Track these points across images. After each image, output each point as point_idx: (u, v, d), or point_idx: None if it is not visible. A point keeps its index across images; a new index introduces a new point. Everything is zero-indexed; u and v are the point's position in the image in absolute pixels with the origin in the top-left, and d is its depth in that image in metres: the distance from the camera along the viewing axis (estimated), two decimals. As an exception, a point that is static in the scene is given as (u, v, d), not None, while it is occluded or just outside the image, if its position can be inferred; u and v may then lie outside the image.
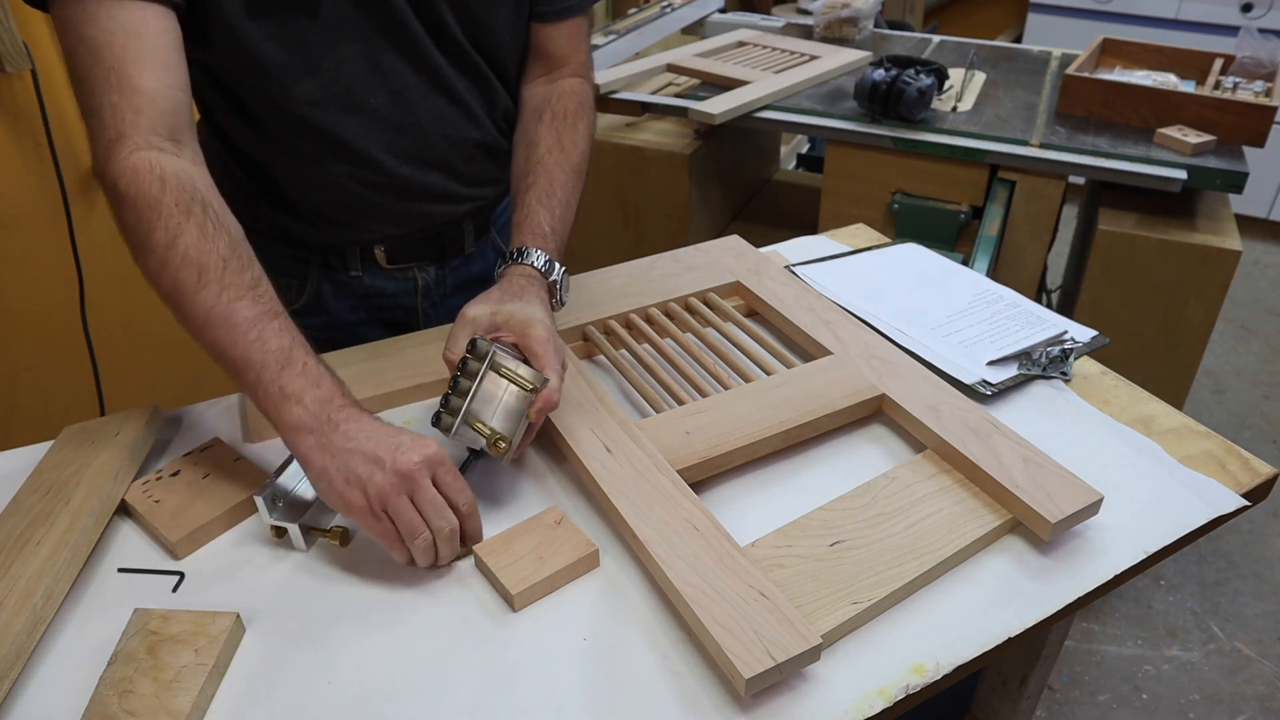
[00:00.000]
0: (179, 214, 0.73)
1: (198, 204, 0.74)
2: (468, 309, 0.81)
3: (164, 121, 0.75)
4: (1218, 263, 1.56)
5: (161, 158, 0.74)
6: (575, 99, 1.00)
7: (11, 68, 1.46)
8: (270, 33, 0.83)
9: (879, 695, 0.63)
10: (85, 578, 0.73)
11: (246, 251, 0.76)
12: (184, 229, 0.72)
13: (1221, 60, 1.85)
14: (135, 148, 0.73)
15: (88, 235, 1.66)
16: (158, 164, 0.74)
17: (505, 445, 0.75)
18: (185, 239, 0.72)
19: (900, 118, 1.71)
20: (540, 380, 0.76)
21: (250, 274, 0.74)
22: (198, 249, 0.72)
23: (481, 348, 0.77)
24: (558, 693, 0.63)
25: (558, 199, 0.92)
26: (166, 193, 0.73)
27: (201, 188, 0.76)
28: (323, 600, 0.71)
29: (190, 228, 0.73)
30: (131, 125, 0.74)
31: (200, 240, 0.73)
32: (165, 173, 0.74)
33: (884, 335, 0.99)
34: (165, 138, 0.75)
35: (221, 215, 0.76)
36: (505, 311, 0.81)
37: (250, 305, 0.73)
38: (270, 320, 0.73)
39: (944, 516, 0.75)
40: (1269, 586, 1.96)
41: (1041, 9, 3.38)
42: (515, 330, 0.80)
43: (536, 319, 0.80)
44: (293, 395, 0.71)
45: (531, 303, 0.82)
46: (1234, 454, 0.86)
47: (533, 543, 0.72)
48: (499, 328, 0.80)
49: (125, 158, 0.73)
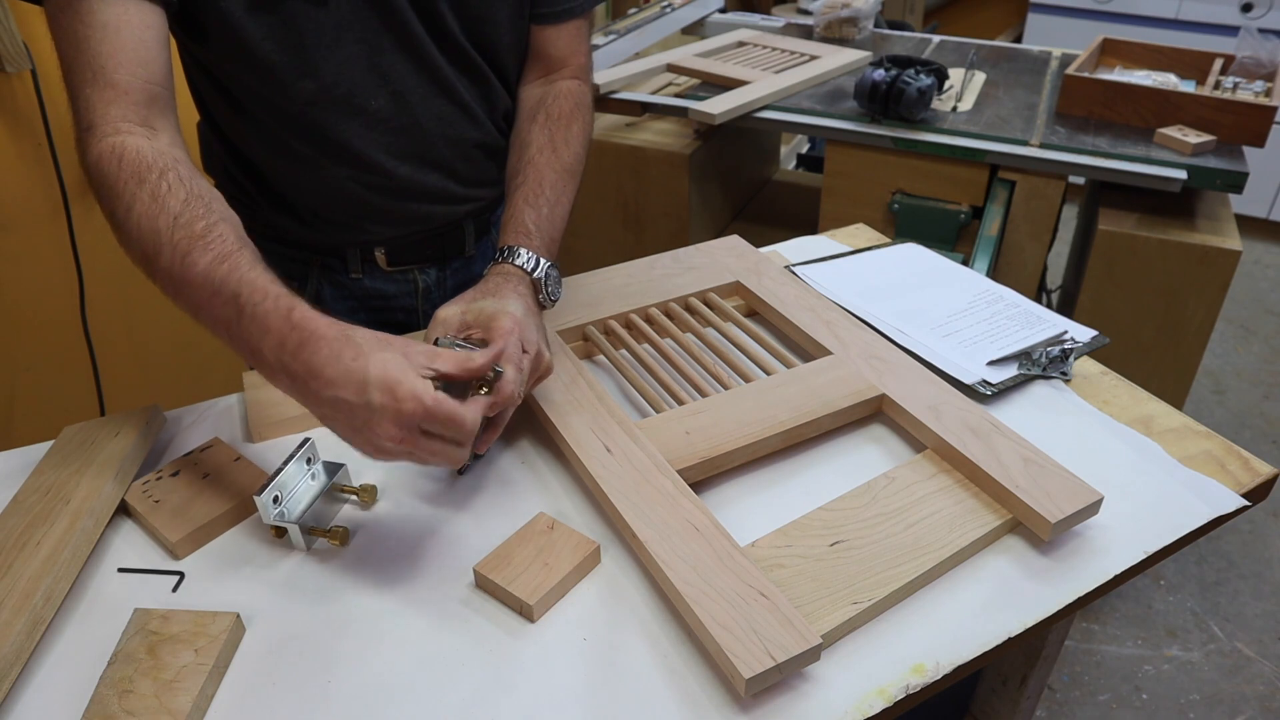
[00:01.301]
0: (133, 185, 0.72)
1: (154, 171, 0.73)
2: (440, 311, 0.80)
3: (136, 112, 0.75)
4: (1218, 263, 1.56)
5: (127, 140, 0.74)
6: (571, 100, 0.99)
7: (11, 68, 1.46)
8: (270, 32, 0.83)
9: (879, 695, 0.63)
10: (85, 578, 0.73)
11: (205, 202, 0.72)
12: (137, 198, 0.71)
13: (1221, 60, 1.85)
14: (103, 135, 0.74)
15: (88, 235, 1.66)
16: (120, 146, 0.73)
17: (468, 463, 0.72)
18: (138, 207, 0.71)
19: (900, 118, 1.71)
20: (495, 377, 0.72)
21: (203, 223, 0.71)
22: (149, 215, 0.71)
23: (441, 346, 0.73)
24: (557, 693, 0.63)
25: (545, 197, 0.90)
26: (123, 168, 0.72)
27: (167, 158, 0.74)
28: (323, 600, 0.71)
29: (142, 195, 0.72)
30: (101, 116, 0.74)
31: (151, 204, 0.71)
32: (125, 151, 0.73)
33: (884, 335, 0.99)
34: (136, 123, 0.75)
35: (185, 175, 0.74)
36: (475, 309, 0.79)
37: (201, 256, 0.69)
38: (219, 266, 0.69)
39: (944, 516, 0.75)
40: (1269, 586, 1.96)
41: (1041, 9, 3.38)
42: (482, 325, 0.78)
43: (504, 311, 0.78)
44: (255, 350, 0.68)
45: (505, 298, 0.80)
46: (1234, 454, 0.86)
47: (533, 551, 0.72)
48: (469, 326, 0.78)
49: (94, 145, 0.74)
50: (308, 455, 0.77)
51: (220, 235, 0.71)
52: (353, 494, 0.79)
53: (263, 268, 0.71)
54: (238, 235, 0.72)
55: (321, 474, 0.78)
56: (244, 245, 0.72)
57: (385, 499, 0.80)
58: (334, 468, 0.79)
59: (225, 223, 0.72)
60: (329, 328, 0.67)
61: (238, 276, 0.68)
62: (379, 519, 0.78)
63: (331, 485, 0.78)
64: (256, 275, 0.69)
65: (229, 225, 0.72)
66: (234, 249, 0.70)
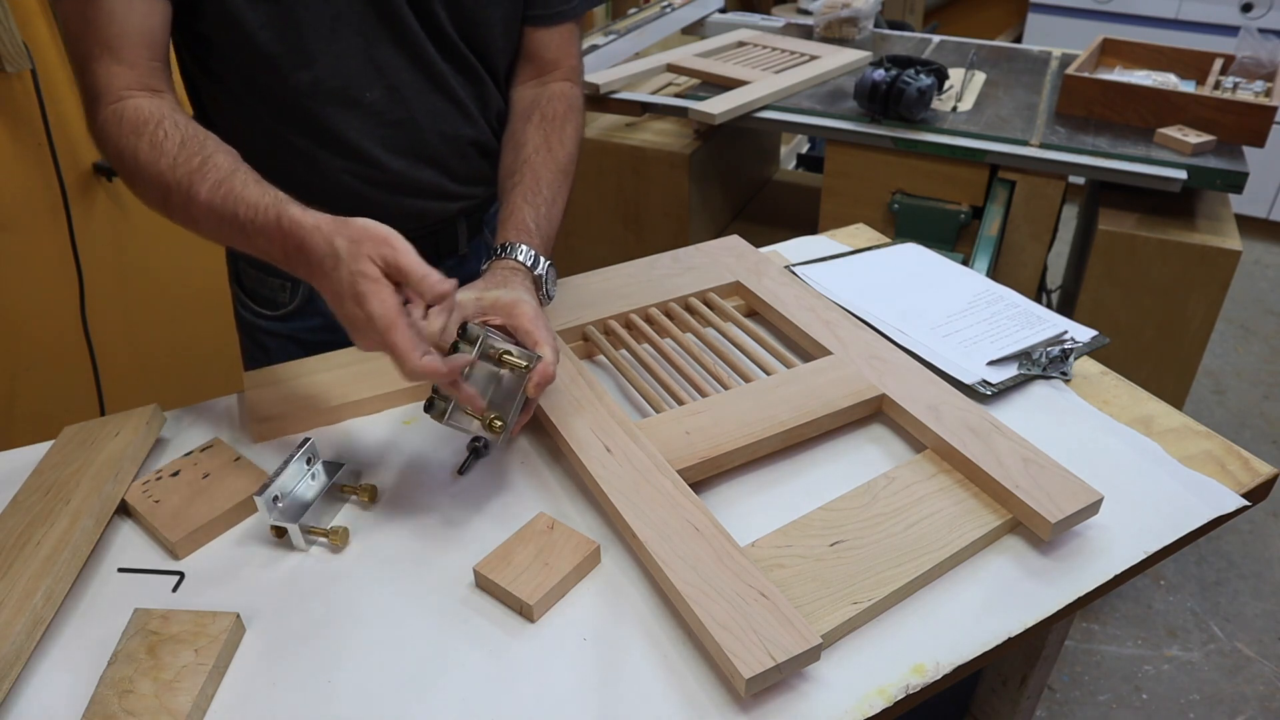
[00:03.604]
0: (133, 138, 0.78)
1: (150, 122, 0.78)
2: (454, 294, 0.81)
3: (139, 80, 0.81)
4: (1218, 263, 1.56)
5: (128, 102, 0.79)
6: (564, 101, 1.01)
7: (11, 68, 1.46)
8: (269, 21, 0.84)
9: (879, 695, 0.63)
10: (85, 578, 0.73)
11: (199, 141, 0.77)
12: (138, 149, 0.77)
13: (1221, 60, 1.85)
14: (107, 103, 0.80)
15: (88, 235, 1.66)
16: (120, 109, 0.79)
17: (501, 424, 0.75)
18: (141, 157, 0.77)
19: (900, 118, 1.71)
20: (533, 358, 0.76)
21: (199, 157, 0.76)
22: (151, 161, 0.77)
23: (473, 331, 0.76)
24: (558, 693, 0.63)
25: (543, 197, 0.92)
26: (123, 126, 0.78)
27: (164, 109, 0.80)
28: (323, 600, 0.71)
29: (142, 145, 0.77)
30: (107, 86, 0.80)
31: (151, 151, 0.77)
32: (125, 111, 0.79)
33: (884, 335, 0.99)
34: (138, 89, 0.81)
35: (180, 121, 0.79)
36: (491, 296, 0.81)
37: (201, 186, 0.75)
38: (217, 192, 0.74)
39: (944, 516, 0.75)
40: (1269, 586, 1.96)
41: (1041, 9, 3.38)
42: (502, 312, 0.80)
43: (523, 300, 0.80)
44: (272, 256, 0.74)
45: (517, 288, 0.83)
46: (1234, 454, 0.86)
47: (533, 551, 0.72)
48: (485, 311, 0.80)
49: (99, 113, 0.80)
50: (308, 455, 0.77)
51: (215, 164, 0.76)
52: (353, 494, 0.79)
53: (254, 180, 0.75)
54: (232, 161, 0.77)
55: (321, 474, 0.78)
56: (237, 168, 0.76)
57: (385, 499, 0.80)
58: (334, 468, 0.79)
59: (220, 153, 0.77)
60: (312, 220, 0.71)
61: (234, 197, 0.74)
62: (379, 519, 0.78)
63: (331, 485, 0.78)
64: (248, 191, 0.74)
65: (224, 154, 0.77)
66: (228, 173, 0.75)
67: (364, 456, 0.84)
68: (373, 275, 0.67)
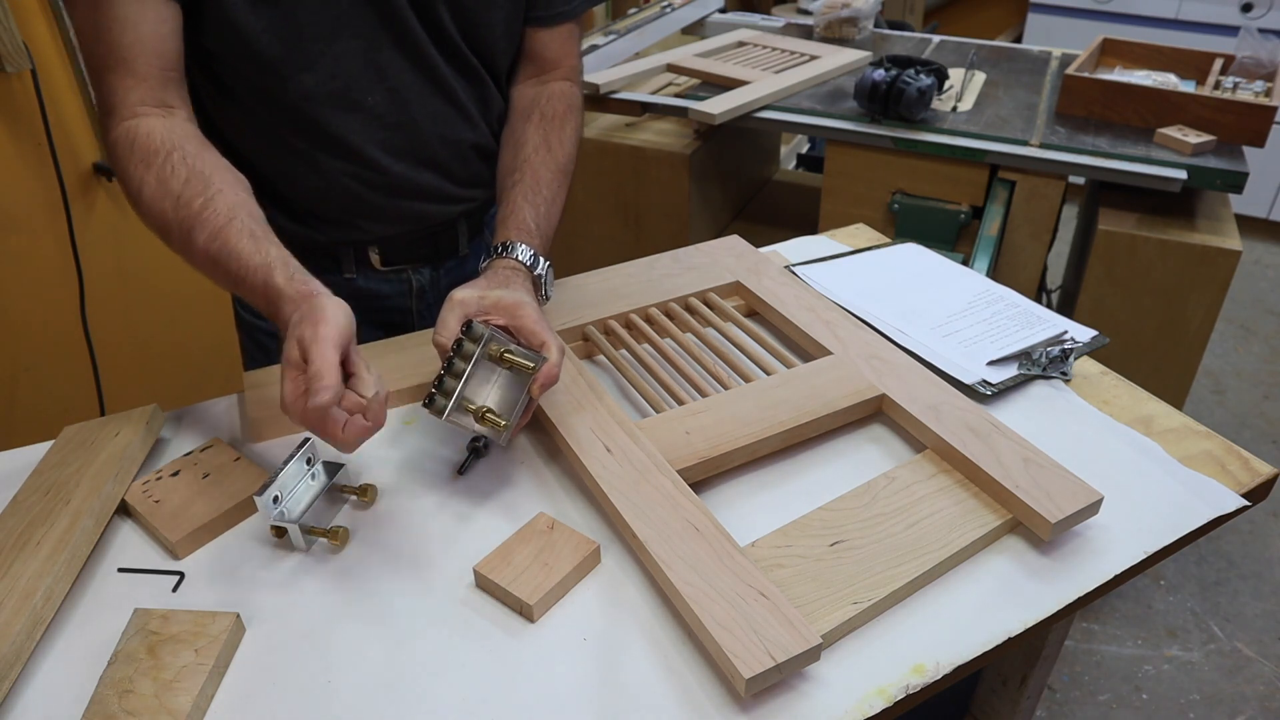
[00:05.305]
0: (141, 169, 0.79)
1: (160, 154, 0.78)
2: (455, 292, 0.81)
3: (153, 94, 0.81)
4: (1218, 263, 1.56)
5: (141, 123, 0.80)
6: (564, 101, 1.01)
7: (11, 68, 1.46)
8: (270, 25, 0.84)
9: (879, 695, 0.63)
10: (85, 578, 0.73)
11: (204, 178, 0.78)
12: (145, 181, 0.78)
13: (1221, 60, 1.85)
14: (121, 119, 0.80)
15: (88, 235, 1.66)
16: (133, 130, 0.79)
17: (504, 424, 0.75)
18: (147, 191, 0.78)
19: (900, 118, 1.71)
20: (538, 358, 0.76)
21: (200, 199, 0.77)
22: (156, 198, 0.78)
23: (477, 330, 0.76)
24: (558, 693, 0.63)
25: (543, 196, 0.92)
26: (134, 153, 0.79)
27: (176, 137, 0.80)
28: (323, 600, 0.71)
29: (150, 179, 0.78)
30: (121, 101, 0.80)
31: (158, 188, 0.78)
32: (137, 135, 0.79)
33: (884, 335, 0.99)
34: (153, 105, 0.81)
35: (190, 153, 0.79)
36: (493, 295, 0.81)
37: (199, 234, 0.76)
38: (212, 243, 0.75)
39: (944, 516, 0.75)
40: (1269, 586, 1.96)
41: (1041, 9, 3.38)
42: (505, 312, 0.80)
43: (526, 301, 0.81)
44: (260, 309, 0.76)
45: (518, 290, 0.83)
46: (1234, 454, 0.86)
47: (533, 551, 0.72)
48: (487, 311, 0.81)
49: (113, 129, 0.80)
50: (308, 455, 0.77)
51: (214, 211, 0.76)
52: (353, 494, 0.79)
53: (248, 235, 0.76)
54: (231, 203, 0.77)
55: (321, 474, 0.78)
56: (234, 216, 0.77)
57: (385, 499, 0.80)
58: (334, 468, 0.79)
59: (222, 195, 0.77)
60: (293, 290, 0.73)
61: (227, 251, 0.75)
62: (379, 519, 0.78)
63: (331, 485, 0.78)
64: (241, 246, 0.75)
65: (226, 195, 0.78)
66: (224, 223, 0.76)
67: (364, 456, 0.84)
68: (292, 360, 0.69)
